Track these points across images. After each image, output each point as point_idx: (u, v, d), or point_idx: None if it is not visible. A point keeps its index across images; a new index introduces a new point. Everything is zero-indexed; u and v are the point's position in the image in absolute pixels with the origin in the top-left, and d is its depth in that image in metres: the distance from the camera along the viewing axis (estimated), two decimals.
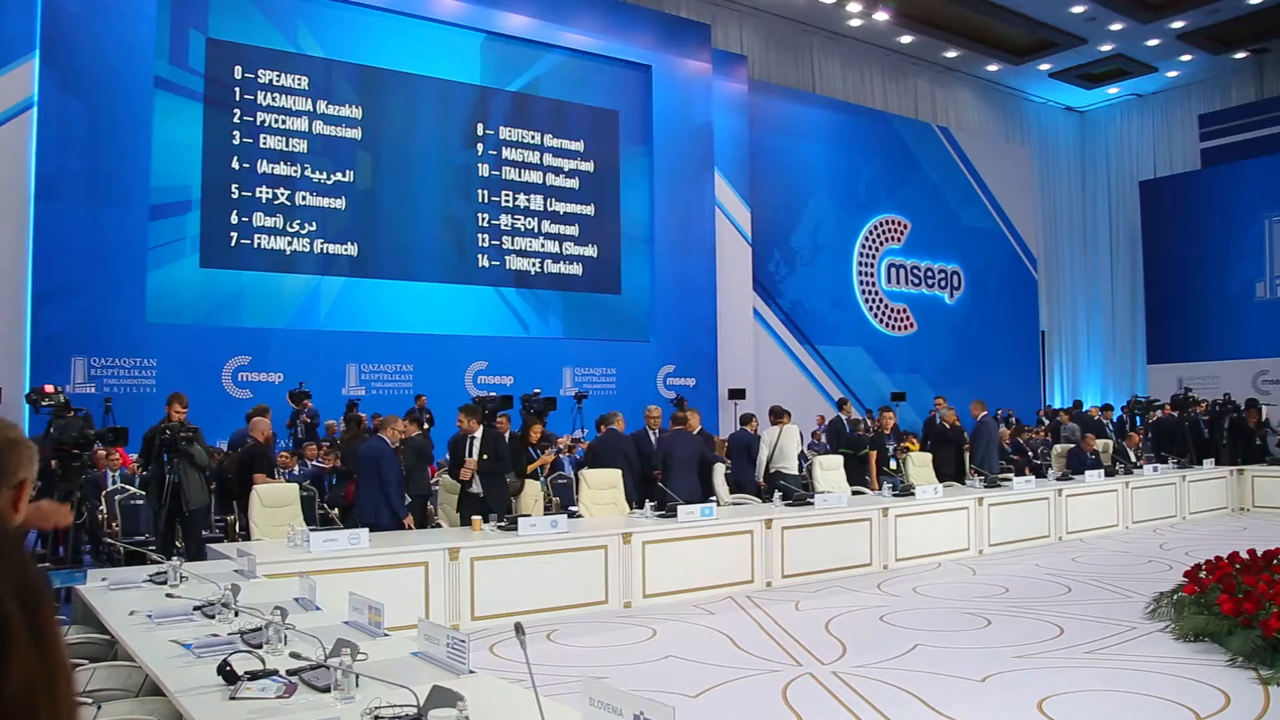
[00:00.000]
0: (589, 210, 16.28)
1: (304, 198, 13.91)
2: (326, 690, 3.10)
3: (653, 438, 10.35)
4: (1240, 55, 23.58)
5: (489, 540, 7.42)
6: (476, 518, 7.80)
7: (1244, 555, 8.04)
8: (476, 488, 8.37)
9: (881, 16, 19.31)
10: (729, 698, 5.43)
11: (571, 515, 8.79)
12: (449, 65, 15.13)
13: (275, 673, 3.21)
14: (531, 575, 7.47)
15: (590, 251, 16.24)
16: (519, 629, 3.02)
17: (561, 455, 11.87)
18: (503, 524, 7.79)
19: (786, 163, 19.79)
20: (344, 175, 14.26)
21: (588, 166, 16.32)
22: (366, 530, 7.00)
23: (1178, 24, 21.29)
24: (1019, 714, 5.04)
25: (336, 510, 9.52)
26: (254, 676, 3.15)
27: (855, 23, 20.42)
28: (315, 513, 9.01)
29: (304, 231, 13.88)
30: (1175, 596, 7.26)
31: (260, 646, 3.60)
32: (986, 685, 5.57)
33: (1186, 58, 23.43)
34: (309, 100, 14.03)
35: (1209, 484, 14.04)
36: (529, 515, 8.03)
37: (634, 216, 16.68)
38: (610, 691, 2.62)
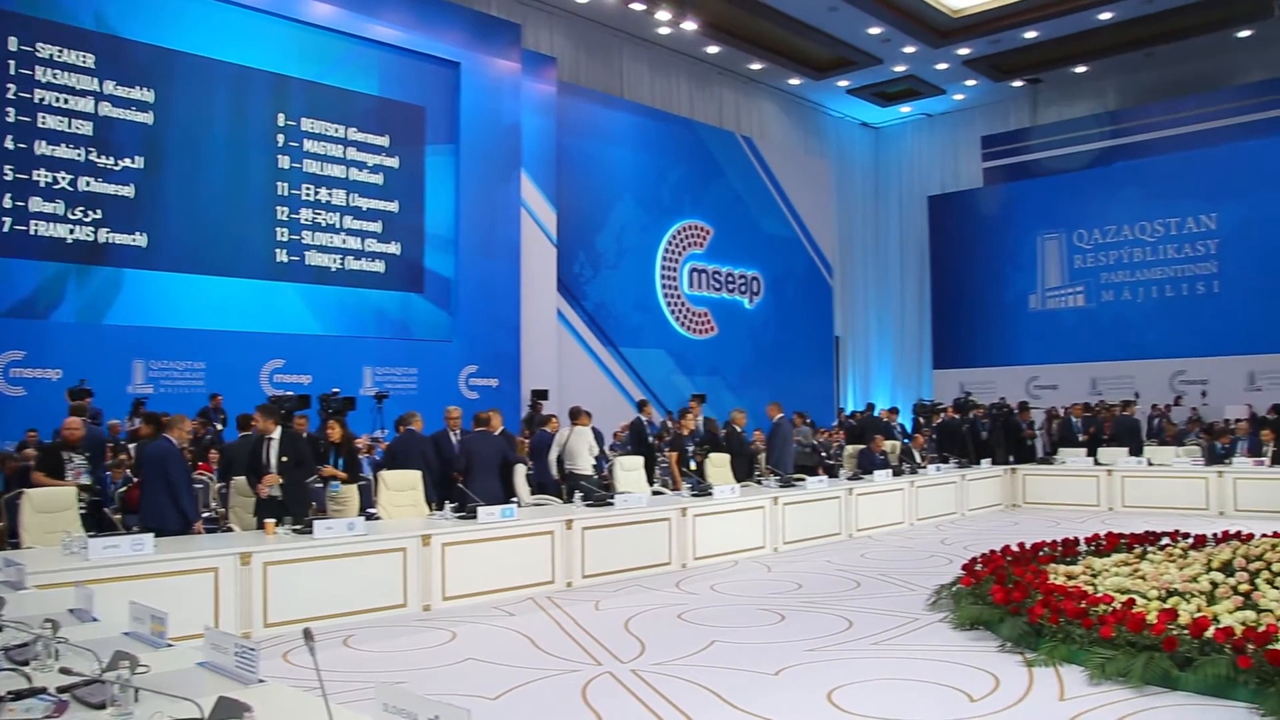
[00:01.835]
0: (392, 207, 15.98)
1: (88, 183, 13.11)
2: (102, 707, 2.93)
3: (454, 439, 10.26)
4: (1018, 83, 25.21)
5: (282, 544, 7.21)
6: (270, 521, 7.56)
7: (1015, 548, 8.62)
8: (276, 491, 8.11)
9: (690, 26, 19.69)
10: (529, 699, 5.45)
11: (369, 517, 8.63)
12: (249, 51, 14.54)
13: (43, 691, 2.98)
14: (327, 579, 7.30)
15: (393, 249, 15.94)
16: (308, 635, 2.95)
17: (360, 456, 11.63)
18: (297, 527, 7.58)
19: (593, 166, 19.93)
20: (133, 161, 13.52)
21: (392, 162, 16.02)
22: (151, 535, 6.68)
23: (964, 51, 22.63)
24: (810, 705, 5.25)
25: (120, 515, 9.05)
26: (18, 696, 2.90)
27: (664, 30, 20.76)
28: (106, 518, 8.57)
29: (88, 219, 13.08)
30: (954, 588, 7.71)
31: (27, 663, 3.34)
32: (780, 678, 5.77)
33: (971, 82, 24.91)
34: (95, 80, 13.22)
35: (986, 482, 14.93)
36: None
37: (438, 215, 16.45)
38: (406, 696, 2.60)
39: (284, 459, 8.10)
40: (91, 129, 13.18)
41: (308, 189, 15.08)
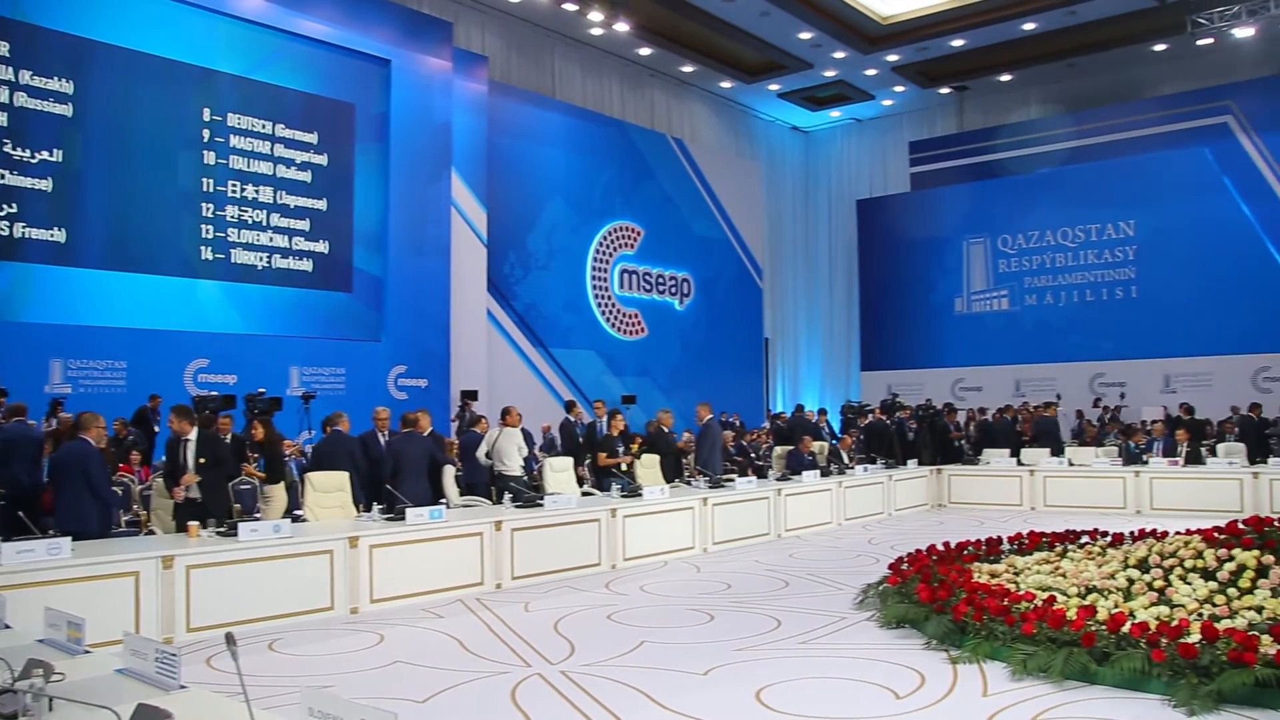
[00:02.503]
0: (321, 205, 15.78)
1: (2, 176, 12.75)
2: (14, 717, 2.85)
3: (382, 440, 10.17)
4: (945, 90, 25.65)
5: (206, 547, 7.08)
6: (193, 523, 7.43)
7: (940, 548, 8.76)
8: (194, 492, 7.97)
9: (622, 28, 19.71)
10: (457, 701, 5.42)
11: (296, 519, 8.52)
12: (174, 44, 14.23)
13: None
14: (253, 583, 7.19)
15: (321, 247, 15.74)
16: (230, 639, 2.90)
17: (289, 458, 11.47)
18: (221, 529, 7.45)
19: (524, 166, 19.87)
20: (51, 154, 13.17)
21: (321, 160, 15.82)
22: (69, 539, 6.52)
23: (893, 57, 22.98)
24: (738, 704, 5.28)
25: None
26: None
27: (596, 31, 20.76)
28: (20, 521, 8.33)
29: (1, 213, 12.74)
30: (880, 587, 7.81)
31: None
32: (709, 678, 5.80)
33: (900, 89, 25.28)
34: (9, 69, 12.85)
35: (912, 482, 15.14)
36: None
37: (368, 213, 16.28)
38: (331, 700, 2.57)
39: (201, 460, 7.96)
40: (6, 120, 12.82)
41: (234, 185, 14.83)
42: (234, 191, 14.83)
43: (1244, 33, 19.61)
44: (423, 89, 16.86)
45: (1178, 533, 7.76)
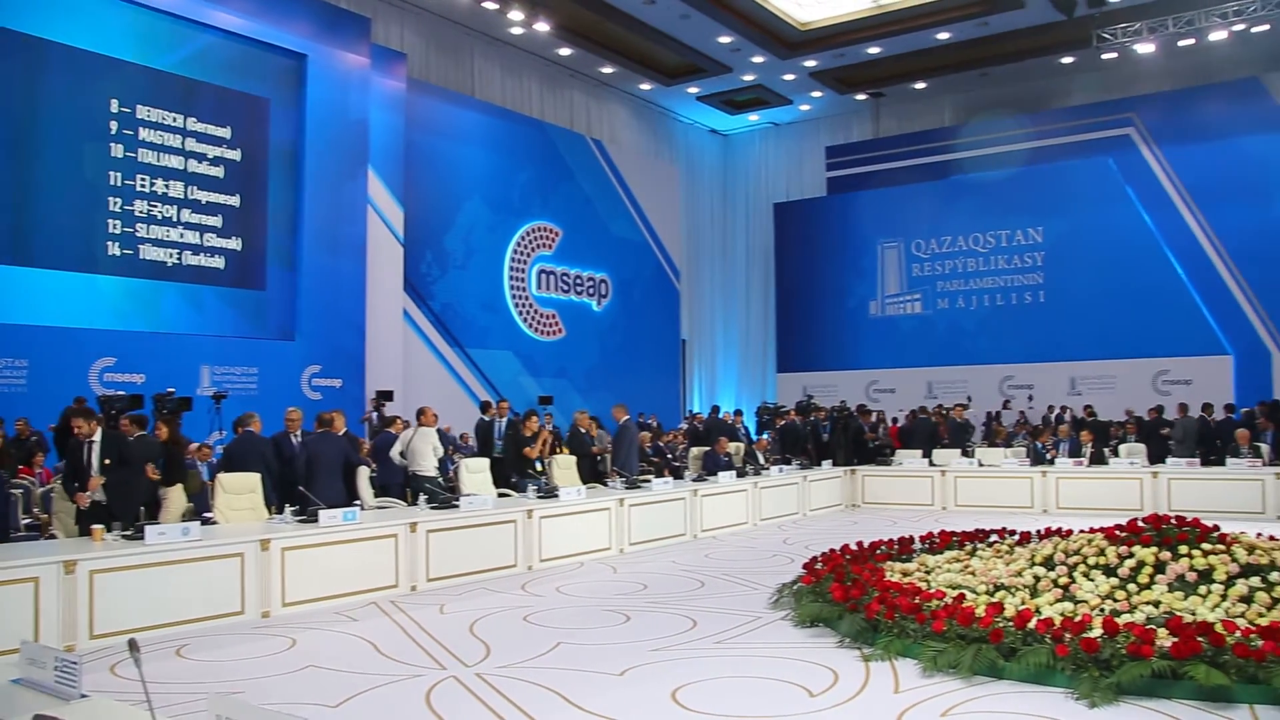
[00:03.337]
0: (234, 201, 15.46)
1: None
2: None
3: (295, 441, 10.00)
4: (861, 97, 26.03)
5: (110, 551, 6.90)
6: (97, 527, 7.23)
7: (853, 547, 8.89)
8: (99, 494, 7.76)
9: (542, 27, 19.65)
10: (371, 705, 5.35)
11: (205, 522, 8.34)
12: (81, 32, 13.80)
13: None
14: (160, 587, 7.02)
15: (234, 244, 15.43)
16: (133, 645, 2.84)
17: (196, 460, 11.24)
18: (127, 533, 7.27)
19: (442, 164, 19.70)
20: None
21: (234, 155, 15.50)
22: None
23: (810, 63, 23.25)
24: (654, 704, 5.30)
25: None
26: None
27: (517, 31, 20.66)
28: None
29: None
30: (795, 587, 7.90)
31: None
32: (625, 678, 5.81)
33: (817, 94, 25.59)
34: None
35: (827, 483, 15.34)
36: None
37: (282, 210, 15.99)
38: (240, 707, 2.53)
39: (106, 461, 7.76)
40: None
41: (143, 180, 14.46)
42: (143, 186, 14.46)
43: (1145, 49, 20.25)
44: (339, 85, 16.62)
45: (1082, 531, 7.97)
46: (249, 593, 7.54)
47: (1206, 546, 6.90)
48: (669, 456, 15.92)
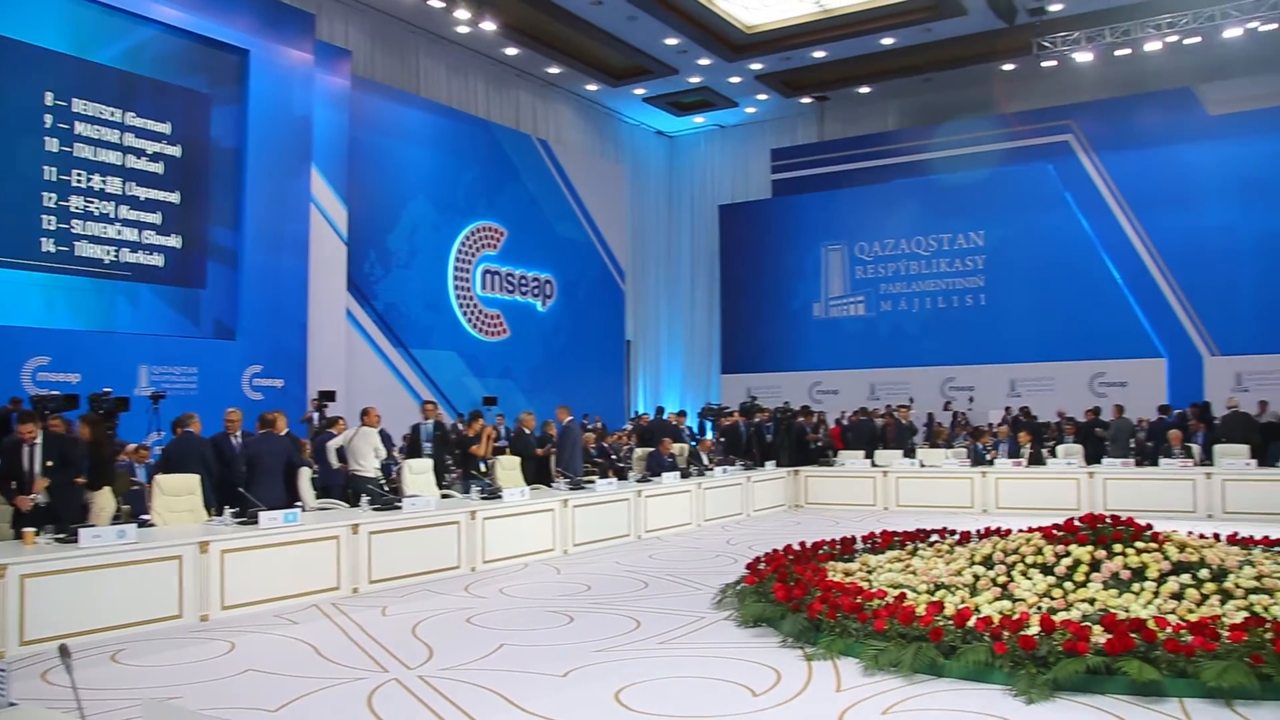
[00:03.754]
0: (174, 198, 15.20)
1: None
2: None
3: (235, 442, 9.88)
4: (806, 100, 26.21)
5: (43, 555, 6.77)
6: (28, 530, 7.09)
7: (796, 548, 8.96)
8: (42, 497, 7.60)
9: (489, 27, 19.55)
10: (311, 709, 5.31)
11: (143, 524, 8.21)
12: (13, 22, 13.43)
13: None
14: (94, 591, 6.90)
15: (173, 242, 15.18)
16: (64, 651, 2.79)
17: (133, 461, 11.04)
18: (60, 535, 7.13)
19: (386, 163, 19.54)
20: None
21: (174, 151, 15.25)
22: None
23: (756, 66, 23.37)
24: (598, 705, 5.31)
25: None
26: None
27: (463, 29, 20.55)
28: None
29: None
30: (738, 587, 7.94)
31: None
32: (568, 679, 5.81)
33: (763, 97, 25.73)
34: None
35: (770, 483, 15.44)
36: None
37: (223, 208, 15.75)
38: (176, 712, 2.50)
39: (48, 463, 7.61)
40: None
41: (79, 175, 14.17)
42: (79, 181, 14.16)
43: (1084, 58, 20.61)
44: (282, 81, 16.41)
45: (1020, 530, 8.10)
46: (187, 596, 7.44)
47: (1140, 545, 7.06)
48: (614, 457, 15.93)
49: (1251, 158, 20.91)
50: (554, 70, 23.55)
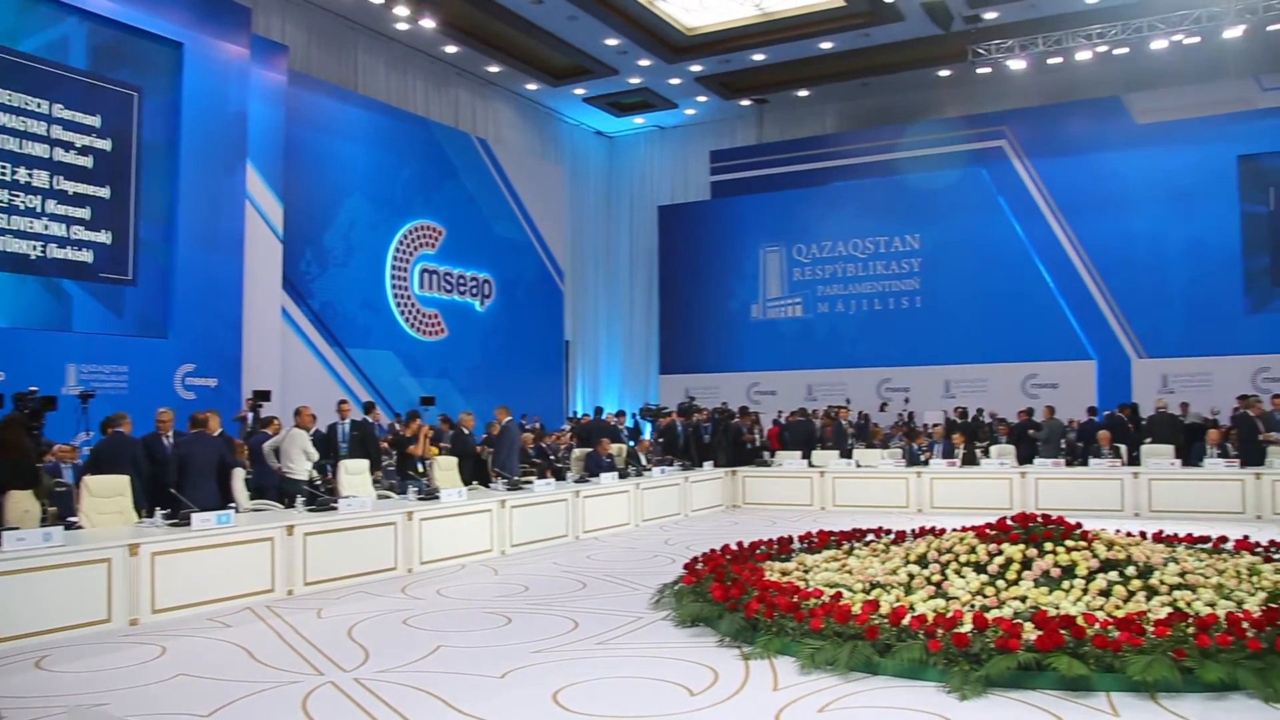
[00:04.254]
0: (104, 193, 14.89)
1: None
2: None
3: (166, 442, 9.70)
4: (746, 103, 26.39)
5: None
6: None
7: (734, 547, 9.00)
8: None
9: (428, 24, 19.41)
10: (245, 713, 5.23)
11: (69, 527, 8.03)
12: None
13: None
14: (19, 595, 6.74)
15: (103, 238, 14.87)
16: None
17: (60, 462, 10.79)
18: None
19: (323, 160, 19.31)
20: None
21: (104, 145, 14.93)
22: None
23: (696, 68, 23.49)
24: (535, 706, 5.29)
25: None
26: None
27: (402, 26, 20.39)
28: None
29: None
30: (676, 587, 7.96)
31: None
32: (506, 681, 5.79)
33: (702, 99, 25.85)
34: None
35: (708, 484, 15.51)
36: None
37: (155, 203, 15.44)
38: (102, 718, 2.44)
39: None
40: None
41: (2, 168, 13.83)
42: (3, 174, 13.83)
43: (1017, 65, 21.02)
44: (217, 76, 16.14)
45: (954, 530, 8.20)
46: (116, 600, 7.30)
47: (1070, 543, 7.19)
48: (552, 458, 15.90)
49: (1177, 166, 21.46)
50: (494, 69, 23.46)
